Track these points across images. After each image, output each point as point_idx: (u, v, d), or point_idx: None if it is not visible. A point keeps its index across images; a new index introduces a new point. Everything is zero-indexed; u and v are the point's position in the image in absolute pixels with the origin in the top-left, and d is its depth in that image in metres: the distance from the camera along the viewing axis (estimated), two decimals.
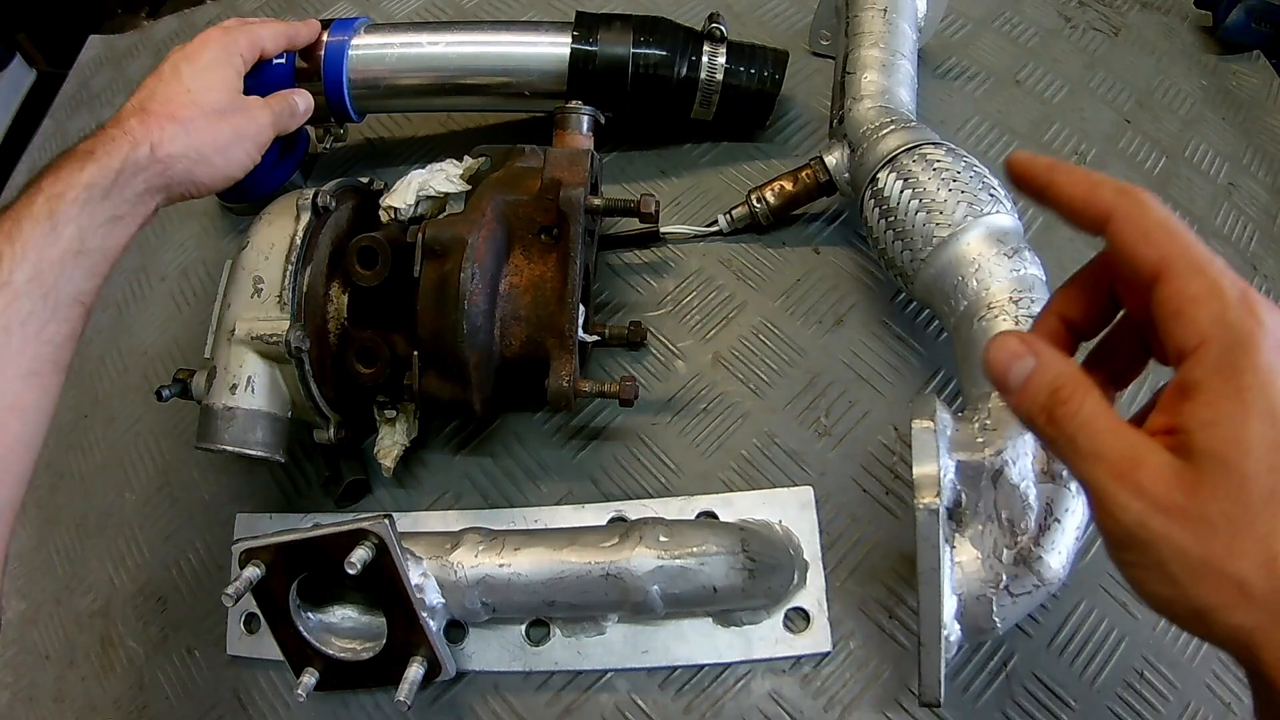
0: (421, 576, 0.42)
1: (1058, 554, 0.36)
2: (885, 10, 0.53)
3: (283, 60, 0.54)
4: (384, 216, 0.48)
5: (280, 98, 0.51)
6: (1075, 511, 0.36)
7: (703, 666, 0.45)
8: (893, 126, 0.48)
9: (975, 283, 0.41)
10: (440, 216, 0.47)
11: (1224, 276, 0.25)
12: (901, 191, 0.45)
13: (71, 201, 0.39)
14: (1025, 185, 0.29)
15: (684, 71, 0.54)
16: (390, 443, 0.49)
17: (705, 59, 0.54)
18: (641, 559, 0.42)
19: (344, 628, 0.44)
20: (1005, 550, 0.36)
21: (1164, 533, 0.24)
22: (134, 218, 0.42)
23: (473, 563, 0.43)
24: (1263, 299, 0.25)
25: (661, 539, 0.43)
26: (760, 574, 0.43)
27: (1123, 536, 0.25)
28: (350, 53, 0.55)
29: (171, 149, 0.43)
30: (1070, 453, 0.26)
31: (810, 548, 0.46)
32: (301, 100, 0.53)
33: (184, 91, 0.45)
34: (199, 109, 0.45)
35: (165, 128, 0.43)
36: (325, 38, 0.55)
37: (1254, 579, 0.23)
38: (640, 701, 0.45)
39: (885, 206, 0.46)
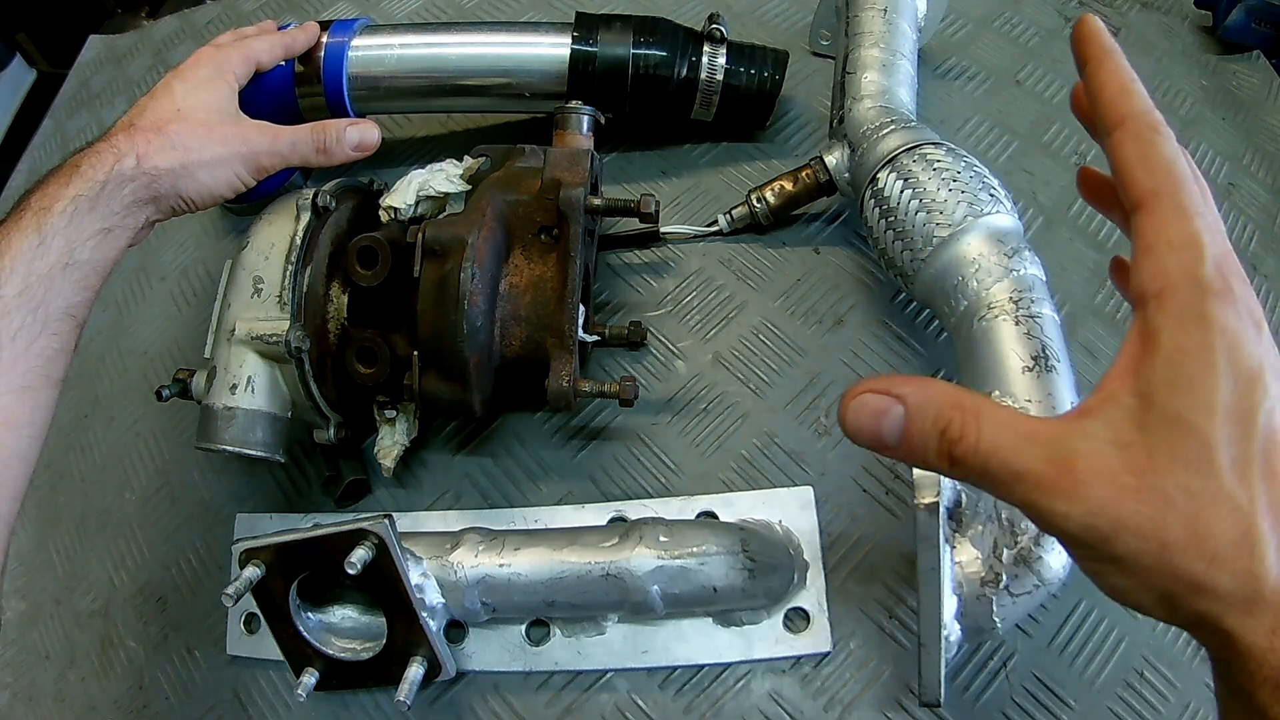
0: (421, 576, 0.42)
1: (1058, 554, 0.36)
2: (885, 10, 0.53)
3: (282, 63, 0.54)
4: (384, 216, 0.49)
5: (313, 128, 0.48)
6: None
7: (703, 666, 0.45)
8: (893, 126, 0.48)
9: (975, 283, 0.42)
10: (440, 216, 0.48)
11: (1208, 233, 0.23)
12: (902, 191, 0.45)
13: (59, 214, 0.39)
14: (1074, 53, 0.27)
15: (684, 72, 0.54)
16: (390, 443, 0.49)
17: (705, 59, 0.54)
18: (641, 559, 0.42)
19: (344, 628, 0.44)
20: (1005, 550, 0.36)
21: (1115, 524, 0.22)
22: (124, 231, 0.42)
23: (473, 563, 0.43)
24: (1239, 271, 0.23)
25: (661, 539, 0.43)
26: (760, 574, 0.43)
27: (1073, 541, 0.23)
28: (350, 54, 0.55)
29: (158, 162, 0.42)
30: (988, 485, 0.24)
31: (810, 548, 0.46)
32: (358, 132, 0.49)
33: (173, 108, 0.45)
34: (187, 124, 0.44)
35: (151, 141, 0.43)
36: (325, 39, 0.55)
37: (1227, 556, 0.21)
38: (640, 701, 0.45)
39: (885, 206, 0.46)
